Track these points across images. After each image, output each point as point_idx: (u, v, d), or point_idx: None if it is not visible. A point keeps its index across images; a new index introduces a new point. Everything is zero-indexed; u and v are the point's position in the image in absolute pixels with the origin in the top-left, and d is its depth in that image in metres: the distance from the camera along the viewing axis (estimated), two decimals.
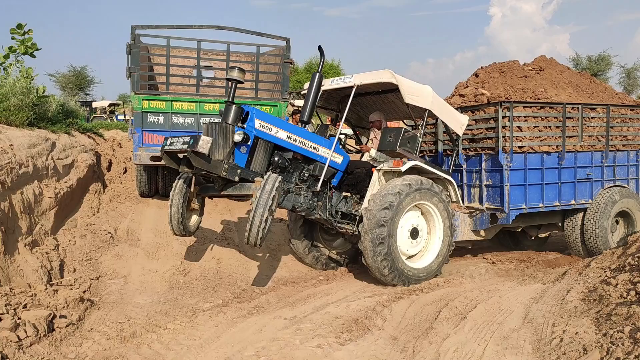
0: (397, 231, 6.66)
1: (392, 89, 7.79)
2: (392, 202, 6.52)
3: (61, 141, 8.70)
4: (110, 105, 33.14)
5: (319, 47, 7.16)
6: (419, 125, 7.52)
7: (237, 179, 6.07)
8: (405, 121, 9.62)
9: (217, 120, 6.46)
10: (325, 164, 6.88)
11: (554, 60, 9.50)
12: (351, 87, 7.18)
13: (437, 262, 7.13)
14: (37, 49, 9.13)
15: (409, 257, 7.09)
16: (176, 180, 6.63)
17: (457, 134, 7.81)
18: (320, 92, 7.30)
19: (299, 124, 7.13)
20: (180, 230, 6.62)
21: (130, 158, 11.41)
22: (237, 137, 6.05)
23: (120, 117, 30.25)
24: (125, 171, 11.02)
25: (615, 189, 8.48)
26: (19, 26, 8.92)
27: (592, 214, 8.26)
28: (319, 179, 6.81)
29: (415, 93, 7.05)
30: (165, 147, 6.23)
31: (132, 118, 8.61)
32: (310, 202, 6.90)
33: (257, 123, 6.31)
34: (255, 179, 6.09)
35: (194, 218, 6.90)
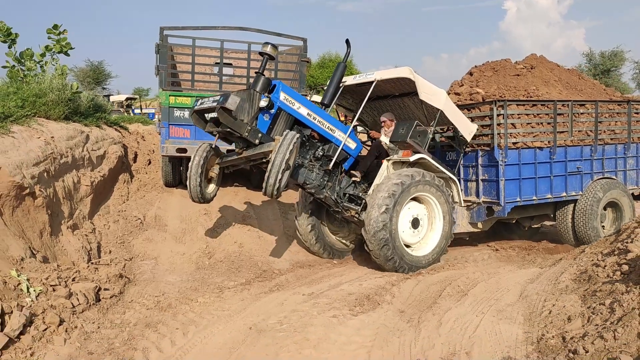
0: (400, 240, 7.18)
1: (408, 92, 8.32)
2: (385, 220, 6.95)
3: (93, 134, 9.35)
4: (127, 99, 33.73)
5: (347, 40, 7.80)
6: (431, 124, 7.98)
7: (257, 142, 6.59)
8: None
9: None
10: (339, 146, 7.36)
11: (544, 58, 9.97)
12: (370, 86, 7.68)
13: (447, 227, 7.66)
14: (71, 48, 9.80)
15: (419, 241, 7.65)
16: (196, 150, 7.14)
17: (465, 140, 8.23)
18: (342, 86, 7.85)
19: (321, 106, 7.62)
20: (197, 197, 7.14)
21: (154, 150, 12.07)
22: (263, 103, 6.63)
23: (137, 110, 30.87)
24: (150, 162, 11.64)
25: (598, 185, 8.91)
26: (55, 27, 9.58)
27: (582, 215, 8.74)
28: (332, 159, 7.30)
29: (430, 92, 7.58)
30: (196, 107, 6.82)
31: (160, 113, 9.24)
32: (321, 180, 7.34)
33: (282, 95, 6.84)
34: (275, 137, 6.54)
35: (212, 186, 7.44)
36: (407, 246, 7.48)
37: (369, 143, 8.97)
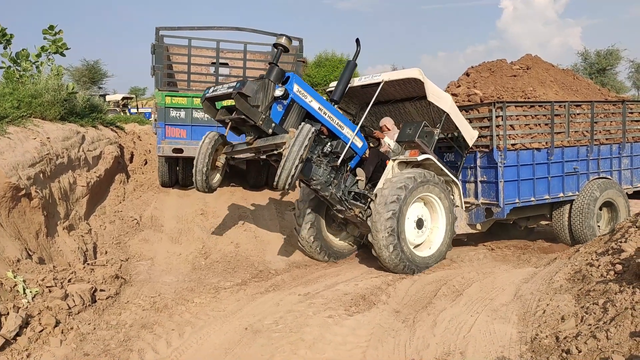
0: (410, 248, 7.15)
1: (411, 97, 8.27)
2: (394, 241, 6.89)
3: (89, 134, 9.35)
4: (123, 98, 33.57)
5: (357, 40, 7.70)
6: (437, 126, 7.92)
7: (270, 131, 6.50)
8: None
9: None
10: (347, 143, 7.28)
11: (539, 59, 10.01)
12: (375, 90, 7.59)
13: (450, 222, 7.65)
14: (67, 48, 9.80)
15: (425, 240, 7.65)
16: (202, 139, 7.02)
17: (467, 144, 8.18)
18: (349, 86, 7.78)
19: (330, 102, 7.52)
20: (203, 187, 7.04)
21: (150, 150, 12.08)
22: (278, 92, 6.55)
23: (133, 110, 30.78)
24: (146, 162, 11.65)
25: (595, 184, 8.95)
26: (51, 27, 9.58)
27: (578, 215, 8.77)
28: (340, 156, 7.22)
29: (438, 94, 7.57)
30: (207, 95, 6.72)
31: (156, 113, 9.25)
32: (328, 176, 7.22)
33: (296, 87, 6.77)
34: (289, 129, 6.48)
35: (217, 176, 7.34)
36: (415, 246, 7.48)
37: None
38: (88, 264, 6.79)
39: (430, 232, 7.67)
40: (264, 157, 6.98)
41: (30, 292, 5.08)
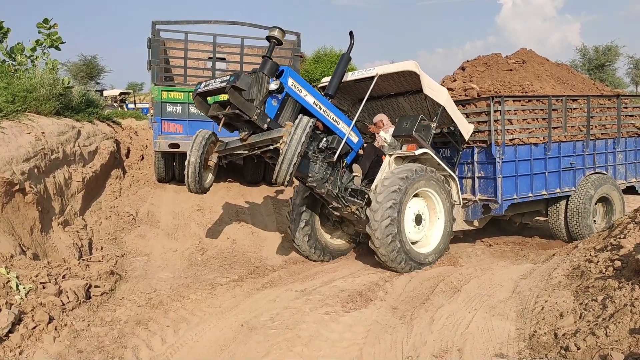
0: (410, 245, 7.03)
1: (404, 92, 8.17)
2: (396, 246, 6.77)
3: (85, 129, 9.28)
4: (120, 94, 33.38)
5: (350, 32, 7.55)
6: (433, 120, 7.81)
7: (265, 126, 6.32)
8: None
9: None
10: (343, 139, 7.12)
11: (533, 53, 9.93)
12: (369, 85, 7.47)
13: (448, 218, 7.56)
14: (62, 42, 9.71)
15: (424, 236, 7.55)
16: (193, 139, 6.83)
17: (463, 138, 8.09)
18: (342, 79, 7.62)
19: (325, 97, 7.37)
20: (196, 188, 6.84)
21: (146, 146, 12.01)
22: (273, 86, 6.40)
23: (131, 105, 30.65)
24: (142, 158, 11.59)
25: (589, 181, 8.87)
26: (45, 21, 9.50)
27: (575, 214, 8.70)
28: (336, 152, 7.06)
29: (434, 88, 7.46)
30: (199, 89, 6.53)
31: (152, 108, 9.18)
32: (324, 173, 7.05)
33: (290, 81, 6.60)
34: (286, 123, 6.33)
35: (209, 176, 7.14)
36: (414, 243, 7.38)
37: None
38: (83, 259, 6.74)
39: (429, 226, 7.58)
40: (258, 153, 6.82)
41: (24, 288, 5.02)
